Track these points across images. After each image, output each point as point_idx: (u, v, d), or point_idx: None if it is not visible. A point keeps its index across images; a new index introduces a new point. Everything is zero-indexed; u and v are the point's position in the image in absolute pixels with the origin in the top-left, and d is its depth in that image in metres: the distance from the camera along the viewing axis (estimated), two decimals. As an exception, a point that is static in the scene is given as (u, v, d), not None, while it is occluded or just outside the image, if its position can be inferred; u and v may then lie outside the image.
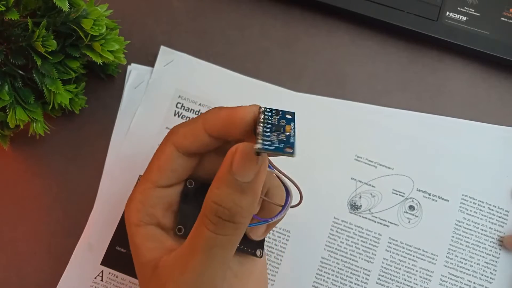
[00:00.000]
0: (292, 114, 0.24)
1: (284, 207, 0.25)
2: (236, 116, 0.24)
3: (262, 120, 0.23)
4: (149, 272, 0.25)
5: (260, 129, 0.23)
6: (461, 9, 0.40)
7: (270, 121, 0.23)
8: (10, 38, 0.32)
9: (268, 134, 0.22)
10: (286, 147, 0.22)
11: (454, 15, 0.40)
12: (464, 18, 0.40)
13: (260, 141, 0.22)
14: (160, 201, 0.26)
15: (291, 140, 0.22)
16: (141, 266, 0.25)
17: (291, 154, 0.21)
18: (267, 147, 0.21)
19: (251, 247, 0.28)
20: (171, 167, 0.26)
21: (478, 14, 0.40)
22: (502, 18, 0.40)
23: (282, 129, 0.23)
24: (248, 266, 0.28)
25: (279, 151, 0.21)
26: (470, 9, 0.40)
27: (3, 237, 0.37)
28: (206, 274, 0.23)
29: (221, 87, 0.40)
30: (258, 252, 0.28)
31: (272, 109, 0.24)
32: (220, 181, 0.22)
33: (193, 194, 0.27)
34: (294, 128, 0.23)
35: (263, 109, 0.24)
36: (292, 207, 0.25)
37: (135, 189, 0.27)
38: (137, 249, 0.26)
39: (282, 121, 0.23)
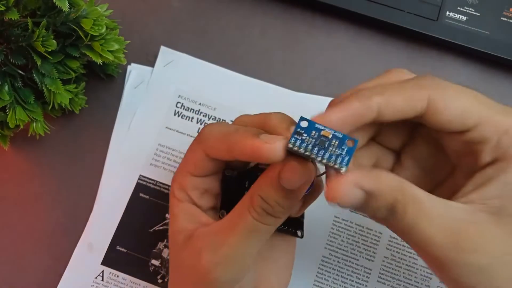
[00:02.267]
0: (355, 141, 0.23)
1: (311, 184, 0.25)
2: (261, 156, 0.24)
3: (303, 151, 0.23)
4: (182, 239, 0.27)
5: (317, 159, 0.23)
6: (461, 9, 0.40)
7: (311, 143, 0.23)
8: (10, 38, 0.32)
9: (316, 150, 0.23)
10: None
11: (454, 15, 0.40)
12: (464, 18, 0.40)
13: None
14: (196, 187, 0.28)
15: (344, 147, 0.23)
16: (175, 233, 0.27)
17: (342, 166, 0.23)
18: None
19: (292, 226, 0.29)
20: (203, 166, 0.28)
21: (478, 14, 0.40)
22: (502, 18, 0.40)
23: (326, 142, 0.23)
24: (275, 254, 0.30)
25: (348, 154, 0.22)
26: (470, 9, 0.40)
27: (3, 237, 0.37)
28: (241, 251, 0.25)
29: (221, 87, 0.40)
30: (299, 233, 0.29)
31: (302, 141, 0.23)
32: (268, 180, 0.24)
33: (232, 181, 0.29)
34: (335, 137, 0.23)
35: (291, 146, 0.23)
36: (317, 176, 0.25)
37: (178, 170, 0.29)
38: (175, 217, 0.28)
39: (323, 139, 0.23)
